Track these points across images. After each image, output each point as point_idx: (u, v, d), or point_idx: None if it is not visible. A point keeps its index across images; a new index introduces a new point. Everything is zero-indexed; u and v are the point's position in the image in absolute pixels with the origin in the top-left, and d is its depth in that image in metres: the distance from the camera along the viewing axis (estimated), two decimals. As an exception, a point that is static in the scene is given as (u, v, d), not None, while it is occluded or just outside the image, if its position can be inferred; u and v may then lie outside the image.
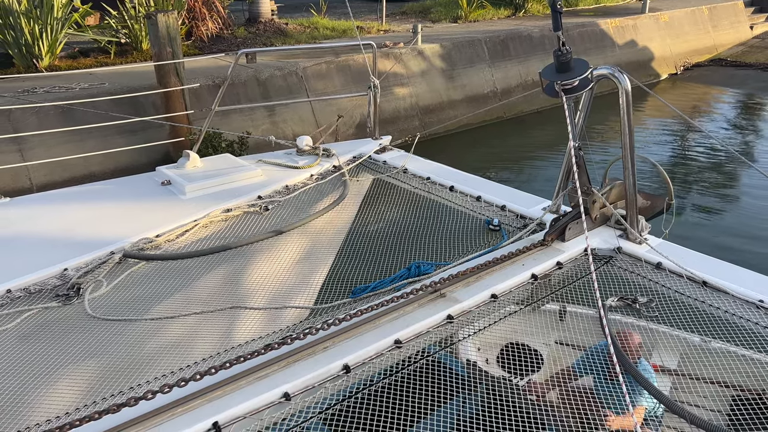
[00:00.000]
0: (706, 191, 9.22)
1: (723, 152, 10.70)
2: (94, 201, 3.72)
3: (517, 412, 2.15)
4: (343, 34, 13.15)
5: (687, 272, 2.70)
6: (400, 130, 10.33)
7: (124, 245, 3.13)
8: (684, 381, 2.76)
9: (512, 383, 2.55)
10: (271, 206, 3.65)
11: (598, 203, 3.02)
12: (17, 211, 3.58)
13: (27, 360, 2.33)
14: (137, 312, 2.65)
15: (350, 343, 2.21)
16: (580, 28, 14.77)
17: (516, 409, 2.17)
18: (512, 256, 2.80)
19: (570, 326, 2.87)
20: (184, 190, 3.71)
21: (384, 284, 3.06)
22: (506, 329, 2.52)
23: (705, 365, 2.69)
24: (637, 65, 15.35)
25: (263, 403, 1.94)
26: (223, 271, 3.00)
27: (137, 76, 9.12)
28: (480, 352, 3.32)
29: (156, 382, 2.13)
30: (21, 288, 2.79)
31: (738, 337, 2.39)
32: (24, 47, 9.57)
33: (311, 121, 9.78)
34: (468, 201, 3.69)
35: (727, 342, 2.38)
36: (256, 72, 9.61)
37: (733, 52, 18.14)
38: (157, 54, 8.11)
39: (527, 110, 12.59)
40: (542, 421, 2.25)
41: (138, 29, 10.92)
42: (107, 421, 1.77)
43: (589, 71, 2.68)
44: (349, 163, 4.30)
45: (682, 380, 2.78)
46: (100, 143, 7.75)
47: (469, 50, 12.44)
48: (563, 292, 2.77)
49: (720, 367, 2.54)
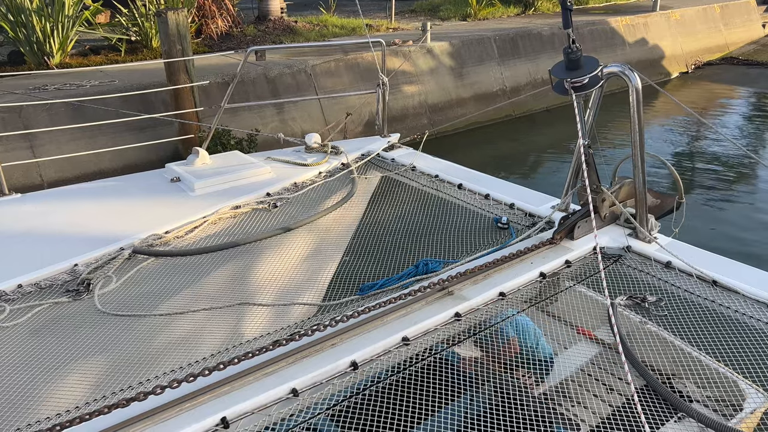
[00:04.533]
0: (717, 190, 9.15)
1: (734, 151, 10.61)
2: (104, 197, 3.75)
3: (524, 410, 2.14)
4: (352, 32, 13.16)
5: (697, 271, 2.68)
6: (409, 128, 10.33)
7: (134, 241, 3.15)
8: (609, 353, 2.77)
9: (519, 381, 2.54)
10: (279, 203, 3.66)
11: (608, 201, 3.01)
12: (28, 207, 3.61)
13: (37, 354, 2.35)
14: (146, 307, 2.66)
15: (358, 340, 2.21)
16: (591, 26, 14.69)
17: (524, 407, 2.17)
18: (520, 254, 2.79)
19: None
20: (193, 186, 3.72)
21: (392, 282, 3.06)
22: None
23: (635, 345, 2.68)
24: (648, 63, 15.25)
25: (271, 399, 1.95)
26: (232, 268, 3.02)
27: (147, 73, 9.16)
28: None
29: (165, 377, 2.15)
30: (32, 283, 2.81)
31: (749, 337, 2.37)
32: (35, 45, 9.64)
33: (320, 118, 9.80)
34: (476, 199, 3.68)
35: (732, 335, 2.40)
36: (266, 70, 9.63)
37: (744, 51, 18.00)
38: (167, 51, 8.15)
39: (537, 108, 12.54)
40: (553, 419, 2.24)
41: (148, 27, 10.98)
42: (117, 416, 1.79)
43: (599, 69, 2.67)
44: (357, 160, 4.30)
45: (608, 352, 2.79)
46: (110, 140, 7.80)
47: (478, 48, 12.41)
48: (571, 291, 2.76)
49: (644, 349, 2.53)
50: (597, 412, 2.34)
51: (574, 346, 2.85)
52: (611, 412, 2.19)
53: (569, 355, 2.81)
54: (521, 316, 2.64)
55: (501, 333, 2.58)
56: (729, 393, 2.51)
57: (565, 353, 2.82)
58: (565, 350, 2.84)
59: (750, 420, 2.39)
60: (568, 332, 2.90)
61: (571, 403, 2.53)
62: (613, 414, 2.16)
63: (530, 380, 2.59)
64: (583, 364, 2.76)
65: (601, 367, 2.76)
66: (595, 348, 2.82)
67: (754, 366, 2.24)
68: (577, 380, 2.69)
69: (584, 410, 2.45)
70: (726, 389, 2.53)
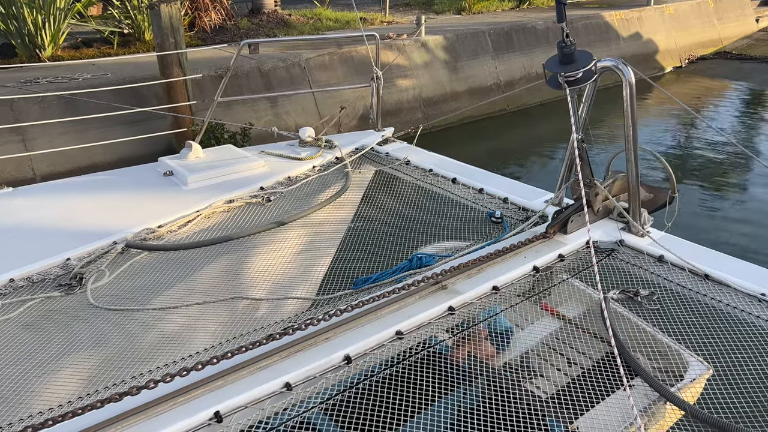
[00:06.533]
0: (710, 184, 9.19)
1: (727, 145, 10.66)
2: (97, 191, 3.73)
3: (518, 403, 2.15)
4: (347, 26, 13.11)
5: (689, 265, 2.70)
6: (403, 122, 10.32)
7: (127, 235, 3.14)
8: (570, 328, 2.84)
9: (514, 374, 2.55)
10: (273, 197, 3.66)
11: (601, 196, 3.01)
12: (20, 200, 3.59)
13: (30, 349, 2.34)
14: (139, 302, 2.66)
15: (351, 333, 2.21)
16: (585, 20, 14.68)
17: (518, 400, 2.18)
18: (514, 248, 2.80)
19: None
20: (186, 180, 3.71)
21: (385, 276, 3.06)
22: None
23: (593, 320, 2.75)
24: (642, 58, 15.27)
25: (264, 393, 1.95)
26: (225, 262, 3.01)
27: (140, 66, 9.10)
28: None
29: (158, 371, 2.14)
30: (24, 277, 2.80)
31: (739, 330, 2.39)
32: (27, 37, 9.56)
33: (314, 112, 9.77)
34: (470, 193, 3.68)
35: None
36: (259, 63, 9.58)
37: (738, 45, 18.04)
38: (159, 44, 8.10)
39: (531, 103, 12.54)
40: (545, 411, 2.26)
41: (141, 20, 10.90)
42: (109, 410, 1.78)
43: (593, 63, 2.67)
44: (351, 154, 4.30)
45: (569, 327, 2.86)
46: (103, 134, 7.75)
47: (473, 42, 12.39)
48: (565, 285, 2.77)
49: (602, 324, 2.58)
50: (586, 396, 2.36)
51: (566, 337, 2.88)
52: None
53: (563, 347, 2.84)
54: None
55: (492, 326, 2.59)
56: (674, 364, 2.58)
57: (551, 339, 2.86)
58: (557, 341, 2.87)
59: (693, 388, 2.47)
60: (562, 327, 2.92)
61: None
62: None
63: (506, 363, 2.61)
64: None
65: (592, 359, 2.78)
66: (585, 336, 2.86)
67: (740, 360, 2.26)
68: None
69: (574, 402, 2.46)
70: (671, 360, 2.60)
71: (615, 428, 2.09)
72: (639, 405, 2.19)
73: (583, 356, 2.76)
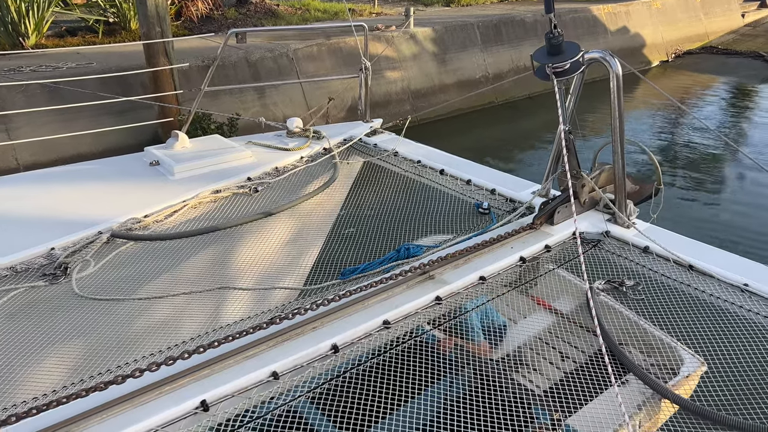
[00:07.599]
0: (695, 176, 9.29)
1: (712, 138, 10.76)
2: (82, 180, 3.69)
3: (504, 391, 2.17)
4: (335, 17, 13.05)
5: (674, 256, 2.73)
6: (392, 114, 10.29)
7: (112, 225, 3.11)
8: (564, 322, 2.83)
9: (500, 363, 2.57)
10: (260, 188, 3.64)
11: (587, 187, 3.03)
12: (3, 190, 3.54)
13: (13, 339, 2.32)
14: (125, 291, 2.64)
15: (339, 323, 2.21)
16: (573, 13, 14.72)
17: (504, 389, 2.19)
18: (501, 239, 2.81)
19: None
20: (172, 170, 3.68)
21: (373, 266, 3.06)
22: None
23: (586, 315, 2.74)
24: (629, 52, 15.35)
25: (251, 382, 1.95)
26: (212, 252, 3.00)
27: (126, 55, 9.00)
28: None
29: (144, 360, 2.13)
30: (7, 267, 2.77)
31: (722, 320, 2.42)
32: (10, 25, 9.42)
33: (302, 103, 9.73)
34: (458, 184, 3.69)
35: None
36: (247, 53, 9.52)
37: (724, 40, 18.17)
38: (145, 33, 8.01)
39: (519, 96, 12.57)
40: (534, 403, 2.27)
41: (126, 8, 10.78)
42: (94, 399, 1.77)
43: (581, 54, 2.68)
44: (339, 145, 4.28)
45: (563, 321, 2.85)
46: (88, 123, 7.66)
47: (462, 34, 12.38)
48: (551, 275, 2.78)
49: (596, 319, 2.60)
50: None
51: (558, 330, 2.89)
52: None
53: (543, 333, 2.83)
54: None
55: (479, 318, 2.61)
56: (669, 359, 2.61)
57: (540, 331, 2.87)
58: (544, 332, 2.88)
59: (687, 383, 2.50)
60: (547, 315, 2.94)
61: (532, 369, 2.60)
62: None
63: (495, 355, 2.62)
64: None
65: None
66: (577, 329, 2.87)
67: (723, 349, 2.29)
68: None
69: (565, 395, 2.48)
70: (666, 356, 2.62)
71: (609, 424, 2.10)
72: (633, 401, 2.20)
73: (576, 350, 2.77)
